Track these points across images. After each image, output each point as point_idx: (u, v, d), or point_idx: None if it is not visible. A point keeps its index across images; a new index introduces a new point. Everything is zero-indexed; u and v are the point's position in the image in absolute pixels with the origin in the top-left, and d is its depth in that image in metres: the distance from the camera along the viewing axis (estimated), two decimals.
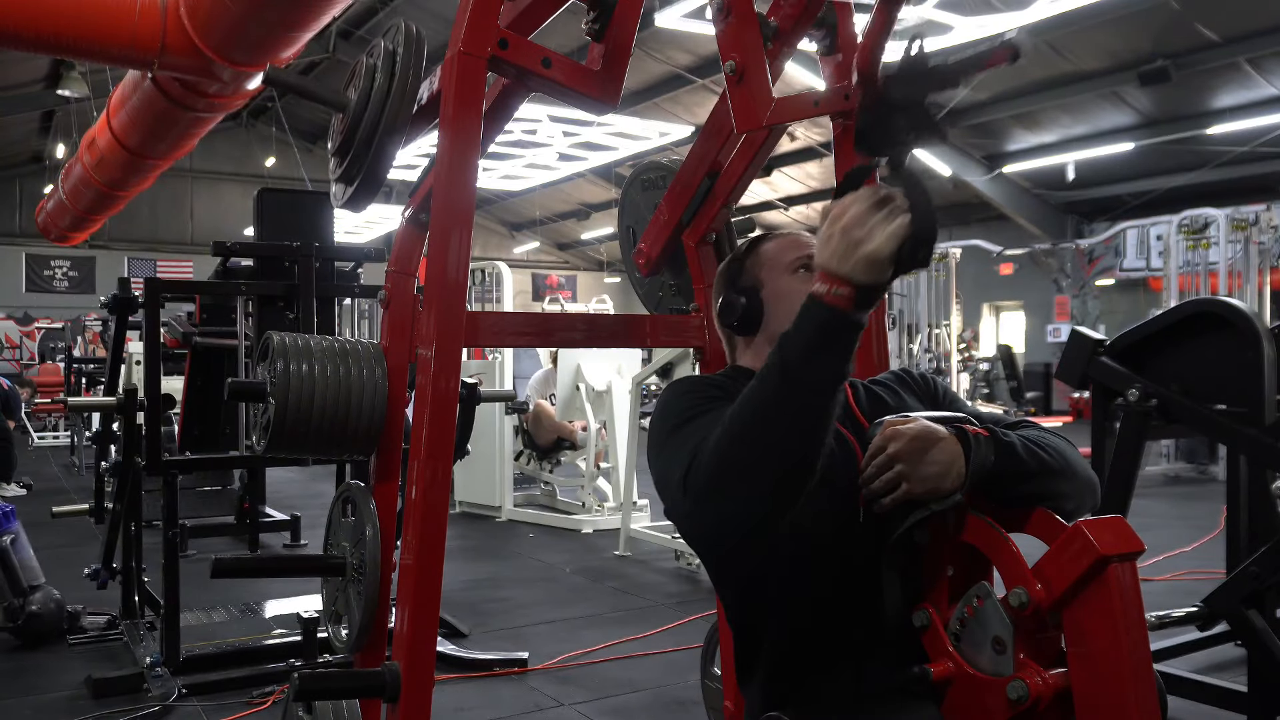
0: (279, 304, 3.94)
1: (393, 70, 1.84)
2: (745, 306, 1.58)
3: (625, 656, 3.99)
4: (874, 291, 1.18)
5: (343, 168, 1.94)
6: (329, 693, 1.82)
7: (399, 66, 1.83)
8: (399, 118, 1.82)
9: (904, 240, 1.15)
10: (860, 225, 1.17)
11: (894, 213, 1.16)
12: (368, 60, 1.91)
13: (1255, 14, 11.09)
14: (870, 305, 1.19)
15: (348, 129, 1.91)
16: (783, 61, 1.89)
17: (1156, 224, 12.99)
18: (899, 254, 1.16)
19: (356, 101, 1.90)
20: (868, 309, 1.19)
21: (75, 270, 22.13)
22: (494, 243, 25.87)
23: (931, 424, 1.34)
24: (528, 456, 7.76)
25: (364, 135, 1.86)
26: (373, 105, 1.85)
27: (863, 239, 1.16)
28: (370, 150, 1.85)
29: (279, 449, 1.94)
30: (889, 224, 1.16)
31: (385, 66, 1.85)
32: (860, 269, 1.16)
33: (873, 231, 1.16)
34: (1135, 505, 2.92)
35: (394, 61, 1.84)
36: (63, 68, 13.09)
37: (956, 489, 1.31)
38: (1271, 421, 2.71)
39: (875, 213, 1.17)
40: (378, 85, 1.85)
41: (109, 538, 4.35)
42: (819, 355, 1.19)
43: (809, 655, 1.45)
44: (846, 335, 1.19)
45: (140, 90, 6.78)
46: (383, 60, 1.86)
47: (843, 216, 1.19)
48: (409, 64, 1.82)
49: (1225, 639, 3.48)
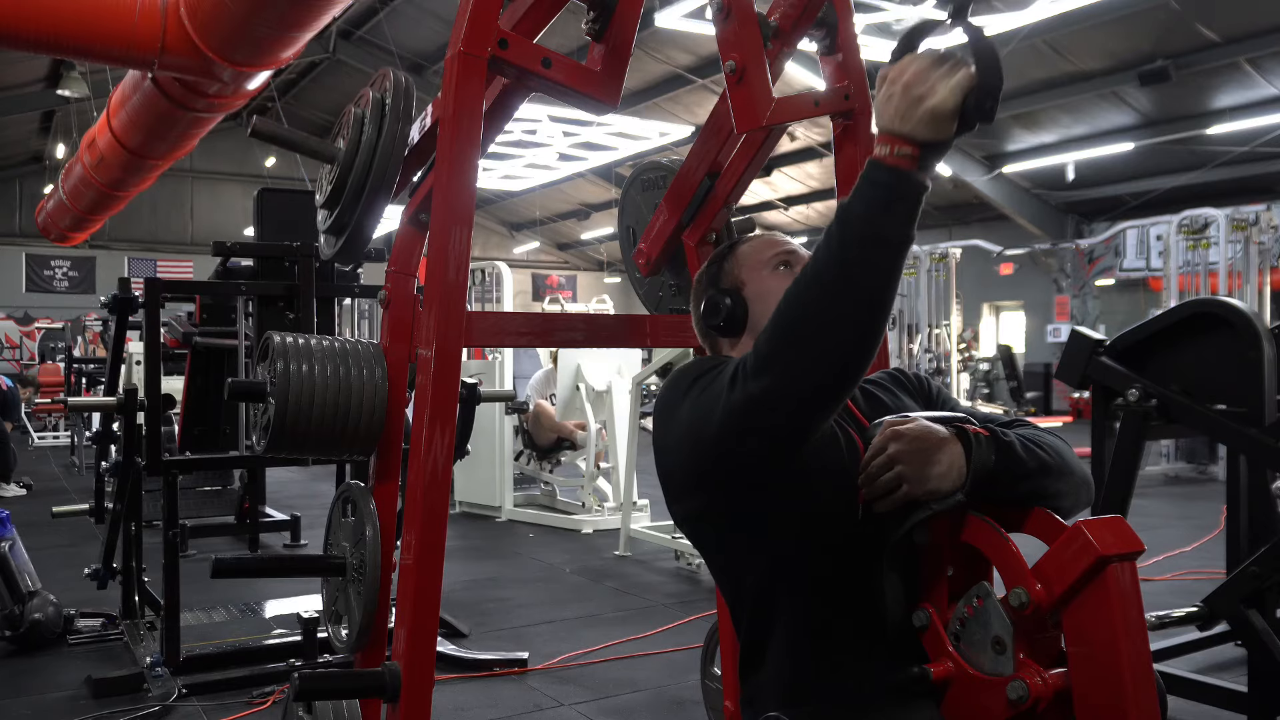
0: (279, 304, 3.94)
1: (381, 121, 1.83)
2: (730, 306, 1.57)
3: (625, 656, 3.99)
4: (939, 149, 1.15)
5: (332, 219, 1.93)
6: (329, 693, 1.82)
7: (388, 117, 1.83)
8: (388, 170, 1.82)
9: (969, 92, 1.12)
10: (922, 81, 1.14)
11: (957, 66, 1.13)
12: (355, 110, 1.91)
13: (1255, 14, 11.09)
14: (933, 165, 1.16)
15: (337, 181, 1.90)
16: (783, 61, 1.89)
17: (1156, 224, 12.99)
18: (964, 107, 1.12)
19: (345, 153, 1.89)
20: (931, 169, 1.16)
21: (75, 270, 22.14)
22: (494, 243, 25.87)
23: (931, 424, 1.35)
24: (528, 456, 7.76)
25: (353, 188, 1.86)
26: (361, 157, 1.85)
27: (925, 94, 1.13)
28: (360, 203, 1.85)
29: (279, 449, 1.94)
30: (952, 76, 1.13)
31: (374, 117, 1.84)
32: (924, 125, 1.13)
33: (935, 86, 1.13)
34: (1135, 505, 2.92)
35: (383, 111, 1.84)
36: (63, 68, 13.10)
37: (957, 489, 1.31)
38: (1271, 421, 2.71)
39: (937, 68, 1.14)
40: (366, 136, 1.84)
41: (109, 538, 4.35)
42: (883, 218, 1.15)
43: (809, 655, 1.45)
44: (911, 197, 1.15)
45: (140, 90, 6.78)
46: (371, 110, 1.85)
47: (903, 75, 1.16)
48: (397, 115, 1.82)
49: (1225, 639, 3.48)
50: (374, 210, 1.86)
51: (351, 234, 1.89)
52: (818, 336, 1.19)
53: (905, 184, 1.15)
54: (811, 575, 1.43)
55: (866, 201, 1.17)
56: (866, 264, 1.17)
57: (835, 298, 1.18)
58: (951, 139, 1.15)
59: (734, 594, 1.54)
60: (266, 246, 4.15)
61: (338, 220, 1.91)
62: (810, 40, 1.92)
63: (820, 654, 1.44)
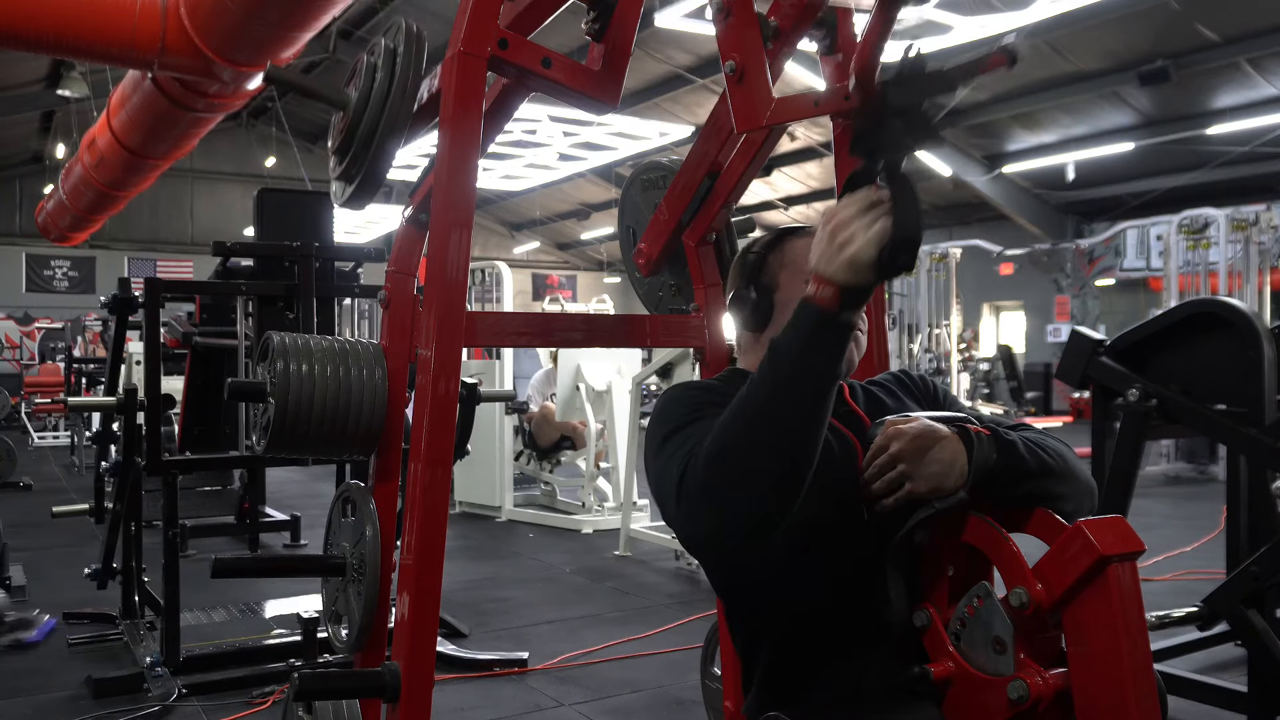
0: (279, 304, 3.94)
1: (393, 68, 1.83)
2: (755, 303, 1.57)
3: (625, 656, 3.99)
4: (857, 293, 1.20)
5: (343, 166, 1.93)
6: (329, 693, 1.82)
7: (399, 65, 1.83)
8: (399, 117, 1.82)
9: (884, 245, 1.17)
10: (845, 228, 1.19)
11: (877, 218, 1.18)
12: (368, 58, 1.91)
13: (1255, 14, 11.09)
14: (856, 306, 1.21)
15: (348, 127, 1.90)
16: (783, 61, 1.89)
17: (1156, 224, 12.99)
18: (880, 258, 1.17)
19: (357, 100, 1.90)
20: (854, 309, 1.21)
21: (75, 270, 22.13)
22: (494, 243, 25.87)
23: (933, 423, 1.35)
24: (528, 456, 7.76)
25: (364, 134, 1.86)
26: (373, 104, 1.85)
27: (846, 241, 1.19)
28: (370, 149, 1.85)
29: (279, 449, 1.94)
30: (871, 228, 1.18)
31: (386, 65, 1.84)
32: (842, 270, 1.19)
33: (855, 234, 1.18)
34: (1135, 505, 2.92)
35: (394, 60, 1.84)
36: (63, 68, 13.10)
37: (959, 487, 1.31)
38: (1271, 421, 2.71)
39: (862, 216, 1.19)
40: (378, 83, 1.84)
41: (109, 538, 4.35)
42: (808, 356, 1.21)
43: (810, 655, 1.45)
44: (834, 335, 1.21)
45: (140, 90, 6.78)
46: (383, 58, 1.85)
47: (833, 220, 1.21)
48: (409, 62, 1.82)
49: (1225, 639, 3.48)
50: (384, 156, 1.85)
51: (362, 180, 1.89)
52: (745, 471, 1.23)
53: (827, 322, 1.21)
54: (812, 576, 1.43)
55: (792, 337, 1.22)
56: (791, 396, 1.22)
57: (760, 428, 1.22)
58: (871, 284, 1.20)
59: (731, 597, 1.54)
60: (266, 246, 4.15)
61: (349, 167, 1.91)
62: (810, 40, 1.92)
63: (820, 654, 1.44)
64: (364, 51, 1.95)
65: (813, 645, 1.45)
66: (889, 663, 1.39)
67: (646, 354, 7.20)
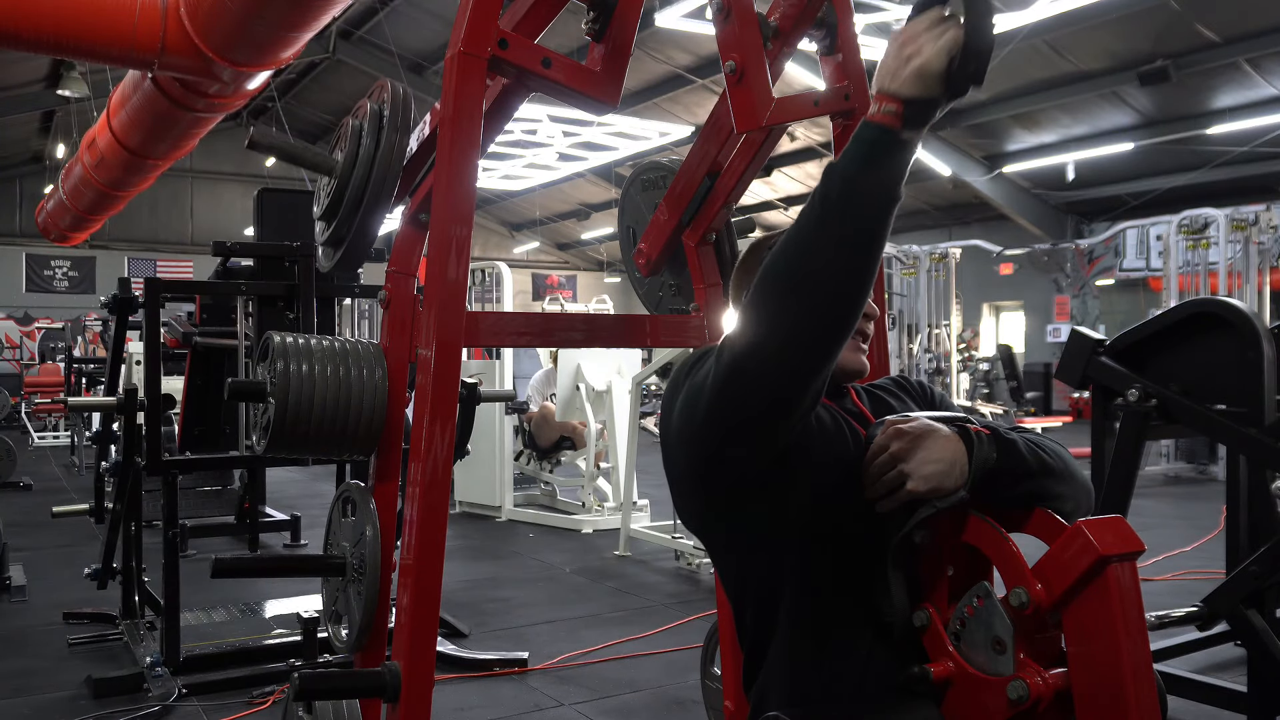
0: (279, 304, 3.94)
1: (379, 133, 1.83)
2: None
3: (625, 656, 3.99)
4: (923, 107, 1.16)
5: (330, 230, 1.93)
6: (329, 693, 1.82)
7: (385, 129, 1.83)
8: (385, 182, 1.82)
9: (954, 54, 1.14)
10: (913, 41, 1.16)
11: (947, 28, 1.15)
12: (354, 122, 1.91)
13: (1255, 14, 11.09)
14: (921, 124, 1.17)
15: (335, 192, 1.90)
16: (783, 61, 1.90)
17: (1156, 224, 12.98)
18: (950, 68, 1.14)
19: (343, 164, 1.90)
20: (918, 127, 1.17)
21: (75, 270, 22.13)
22: (494, 243, 25.87)
23: (933, 423, 1.35)
24: (528, 456, 7.76)
25: (351, 199, 1.86)
26: (359, 169, 1.85)
27: (914, 54, 1.15)
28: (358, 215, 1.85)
29: (279, 449, 1.94)
30: (940, 38, 1.15)
31: (372, 129, 1.85)
32: (909, 83, 1.15)
33: (923, 46, 1.15)
34: (1135, 505, 2.92)
35: (380, 124, 1.84)
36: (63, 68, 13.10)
37: (959, 487, 1.31)
38: (1271, 421, 2.71)
39: (931, 29, 1.16)
40: (364, 148, 1.84)
41: (109, 538, 4.35)
42: (866, 174, 1.17)
43: (811, 655, 1.45)
44: (895, 153, 1.17)
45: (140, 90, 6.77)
46: (369, 122, 1.85)
47: (900, 36, 1.18)
48: (395, 126, 1.82)
49: (1225, 639, 3.48)
50: (372, 222, 1.86)
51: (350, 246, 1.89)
52: (801, 288, 1.19)
53: (887, 139, 1.17)
54: (814, 575, 1.43)
55: (850, 156, 1.18)
56: (847, 217, 1.17)
57: (818, 250, 1.18)
58: (939, 98, 1.16)
59: (738, 595, 1.54)
60: (266, 246, 4.15)
61: (335, 232, 1.91)
62: (810, 40, 1.92)
63: (822, 654, 1.44)
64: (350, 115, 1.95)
65: (815, 645, 1.45)
66: (889, 663, 1.39)
67: (646, 354, 7.21)
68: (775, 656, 1.47)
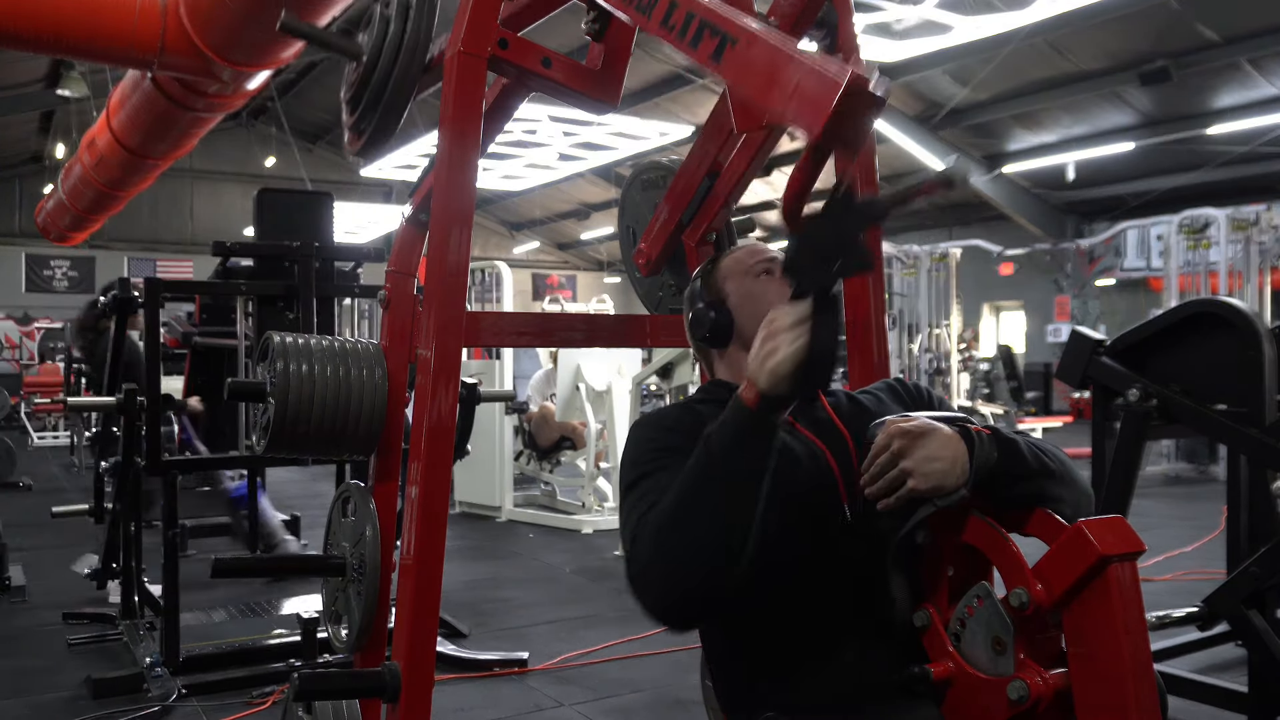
0: (279, 304, 3.94)
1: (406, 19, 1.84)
2: (714, 319, 1.61)
3: (625, 656, 3.99)
4: (777, 401, 1.26)
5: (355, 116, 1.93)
6: (329, 693, 1.82)
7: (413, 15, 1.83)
8: (412, 66, 1.82)
9: (801, 361, 1.22)
10: (773, 338, 1.25)
11: (801, 334, 1.23)
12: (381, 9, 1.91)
13: (1255, 14, 11.08)
14: (779, 411, 1.28)
15: (361, 77, 1.91)
16: None
17: (1156, 224, 12.98)
18: (796, 374, 1.23)
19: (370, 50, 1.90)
20: (776, 413, 1.28)
21: (75, 270, 22.13)
22: (494, 243, 25.87)
23: (934, 422, 1.35)
24: (528, 456, 7.76)
25: (377, 84, 1.86)
26: (385, 54, 1.85)
27: (771, 351, 1.24)
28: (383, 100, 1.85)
29: (279, 449, 1.94)
30: (794, 344, 1.23)
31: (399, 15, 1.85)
32: (764, 378, 1.25)
33: (779, 346, 1.24)
34: (1135, 505, 2.91)
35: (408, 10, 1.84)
36: (63, 68, 13.10)
37: (961, 485, 1.32)
38: (1271, 421, 2.71)
39: (790, 330, 1.24)
40: (391, 34, 1.84)
41: (109, 538, 4.35)
42: (737, 448, 1.28)
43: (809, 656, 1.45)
44: (760, 432, 1.28)
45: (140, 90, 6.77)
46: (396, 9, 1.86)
47: (769, 326, 1.27)
48: (423, 13, 1.82)
49: (1225, 639, 3.48)
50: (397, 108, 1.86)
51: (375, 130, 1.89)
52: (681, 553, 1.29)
53: (753, 421, 1.27)
54: (804, 579, 1.44)
55: (722, 432, 1.29)
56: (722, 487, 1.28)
57: (695, 515, 1.29)
58: (788, 395, 1.25)
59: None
60: (266, 246, 4.15)
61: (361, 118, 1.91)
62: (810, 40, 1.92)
63: (820, 655, 1.44)
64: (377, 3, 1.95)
65: (812, 647, 1.45)
66: (889, 663, 1.39)
67: (646, 354, 7.20)
68: (772, 658, 1.47)
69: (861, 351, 1.97)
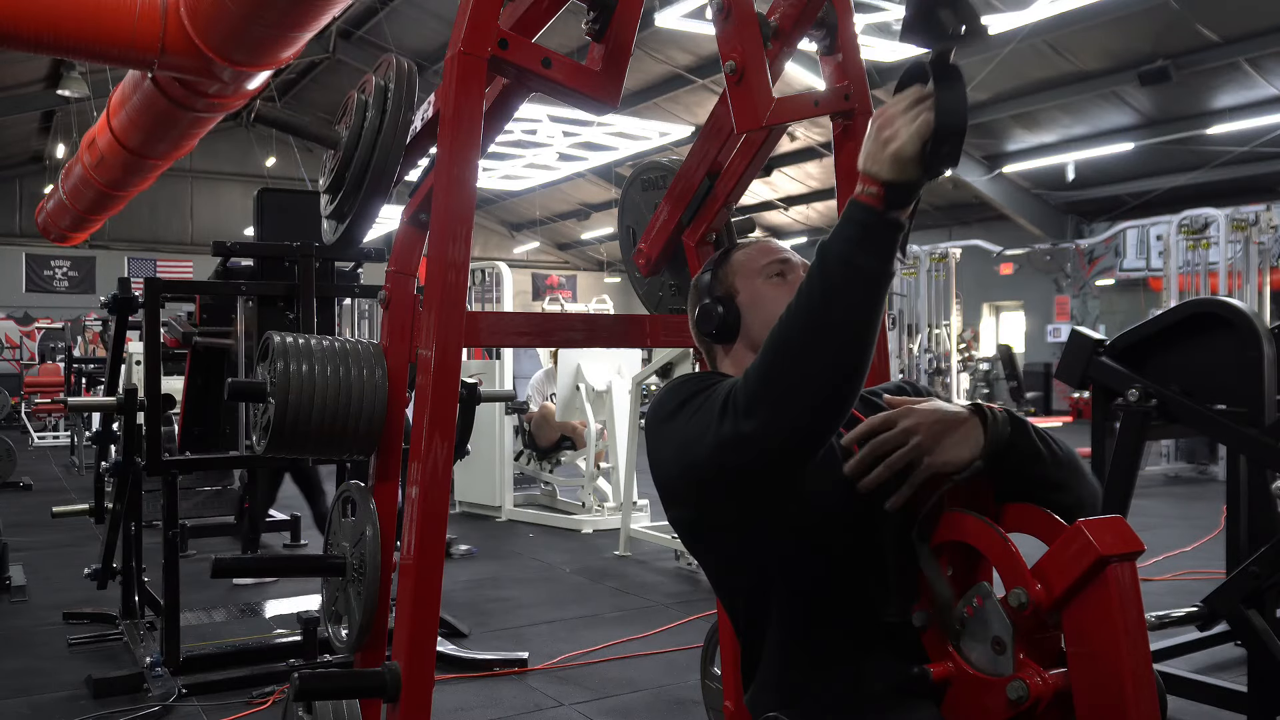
0: (279, 304, 3.94)
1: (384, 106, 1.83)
2: (722, 315, 1.59)
3: (625, 656, 3.99)
4: (902, 190, 1.19)
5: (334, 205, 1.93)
6: (329, 693, 1.82)
7: (391, 102, 1.82)
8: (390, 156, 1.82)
9: (926, 138, 1.17)
10: (890, 125, 1.19)
11: (921, 112, 1.17)
12: (359, 96, 1.91)
13: (1255, 14, 11.09)
14: (903, 204, 1.20)
15: (339, 166, 1.90)
16: (783, 61, 1.89)
17: (1156, 224, 12.99)
18: (924, 152, 1.17)
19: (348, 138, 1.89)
20: (900, 208, 1.20)
21: (75, 270, 22.12)
22: (494, 243, 25.87)
23: (944, 402, 1.37)
24: (528, 456, 7.76)
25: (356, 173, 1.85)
26: (364, 142, 1.84)
27: (890, 138, 1.18)
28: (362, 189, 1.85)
29: (279, 449, 1.94)
30: (914, 123, 1.17)
31: (377, 102, 1.84)
32: (885, 166, 1.18)
33: (899, 130, 1.18)
34: (1135, 505, 2.92)
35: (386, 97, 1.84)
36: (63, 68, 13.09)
37: (976, 457, 1.32)
38: (1271, 421, 2.71)
39: (907, 113, 1.19)
40: (369, 122, 1.84)
41: (109, 538, 4.35)
42: (858, 256, 1.20)
43: (809, 655, 1.45)
44: (881, 234, 1.20)
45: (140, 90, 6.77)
46: (374, 96, 1.85)
47: (880, 117, 1.21)
48: (401, 100, 1.82)
49: (1225, 639, 3.48)
50: (376, 197, 1.86)
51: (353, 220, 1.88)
52: (801, 373, 1.22)
53: (874, 220, 1.20)
54: (808, 577, 1.43)
55: (841, 237, 1.22)
56: (843, 298, 1.21)
57: (815, 333, 1.22)
58: (916, 180, 1.19)
59: (730, 598, 1.54)
60: (266, 246, 4.15)
61: (340, 206, 1.91)
62: (810, 40, 1.92)
63: (819, 654, 1.44)
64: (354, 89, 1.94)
65: (812, 646, 1.45)
66: (889, 663, 1.39)
67: (646, 354, 7.20)
68: (772, 657, 1.47)
69: None
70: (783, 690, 1.46)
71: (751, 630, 1.50)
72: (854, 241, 1.20)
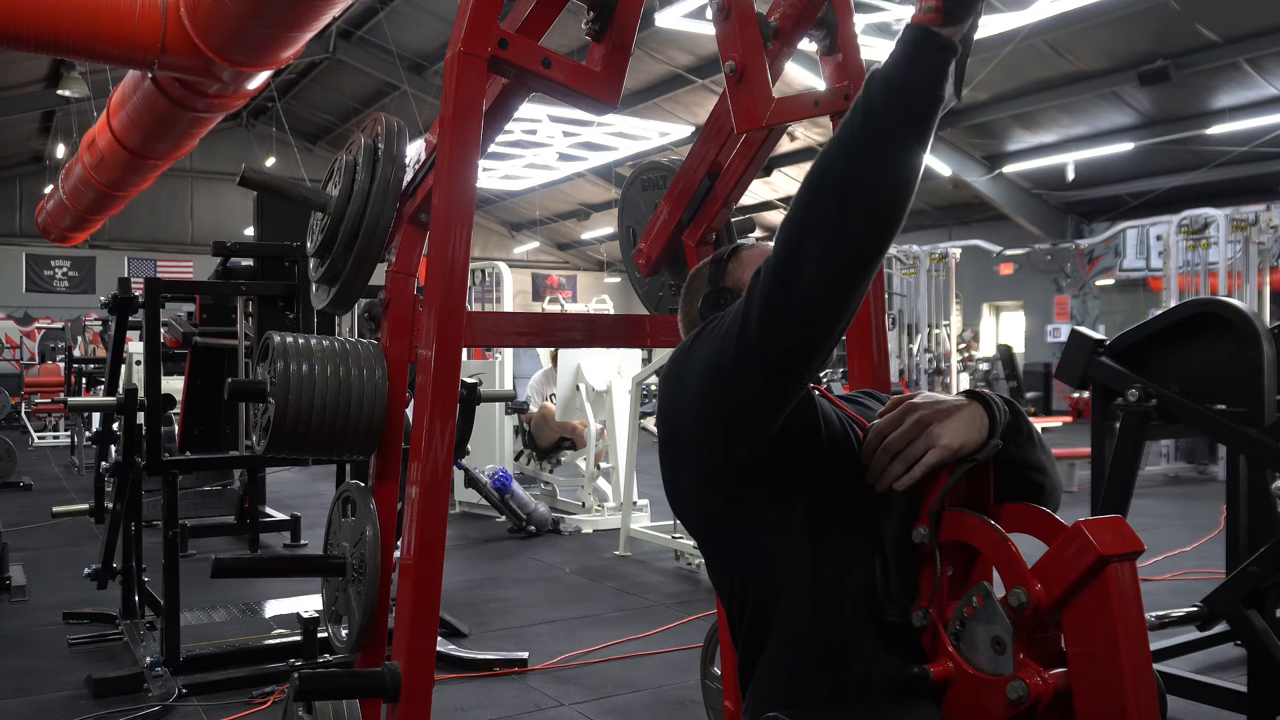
0: (279, 304, 3.94)
1: (374, 167, 1.82)
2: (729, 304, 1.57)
3: (625, 656, 3.99)
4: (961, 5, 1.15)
5: (324, 268, 1.92)
6: (329, 693, 1.82)
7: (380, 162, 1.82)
8: (381, 217, 1.81)
9: None
10: None
11: None
12: (347, 156, 1.90)
13: (1255, 14, 11.09)
14: (961, 19, 1.16)
15: (329, 228, 1.89)
16: (783, 61, 1.89)
17: (1156, 224, 12.98)
18: None
19: (337, 199, 1.88)
20: (958, 23, 1.16)
21: (75, 270, 22.13)
22: (494, 243, 25.87)
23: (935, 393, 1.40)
24: (528, 456, 7.76)
25: (345, 236, 1.84)
26: (353, 204, 1.83)
27: None
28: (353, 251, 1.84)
29: (279, 449, 1.94)
30: None
31: (366, 163, 1.83)
32: None
33: None
34: (1135, 505, 2.92)
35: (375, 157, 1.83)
36: (63, 68, 13.10)
37: (987, 440, 1.35)
38: (1271, 421, 2.71)
39: None
40: (359, 183, 1.83)
41: (109, 538, 4.35)
42: (902, 74, 1.16)
43: (809, 655, 1.45)
44: (932, 54, 1.16)
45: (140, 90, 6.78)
46: (363, 156, 1.84)
47: None
48: (390, 159, 1.81)
49: (1225, 639, 3.48)
50: (367, 259, 1.85)
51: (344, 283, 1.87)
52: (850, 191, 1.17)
53: (926, 39, 1.16)
54: (811, 575, 1.43)
55: (890, 60, 1.18)
56: (885, 121, 1.16)
57: (863, 153, 1.17)
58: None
59: (731, 596, 1.54)
60: (266, 246, 4.15)
61: (330, 269, 1.90)
62: (810, 40, 1.92)
63: (819, 654, 1.44)
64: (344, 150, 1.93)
65: (812, 645, 1.44)
66: (889, 663, 1.39)
67: (646, 354, 7.21)
68: (772, 657, 1.47)
69: (861, 352, 1.98)
70: (783, 690, 1.46)
71: (752, 629, 1.49)
72: (902, 61, 1.16)
